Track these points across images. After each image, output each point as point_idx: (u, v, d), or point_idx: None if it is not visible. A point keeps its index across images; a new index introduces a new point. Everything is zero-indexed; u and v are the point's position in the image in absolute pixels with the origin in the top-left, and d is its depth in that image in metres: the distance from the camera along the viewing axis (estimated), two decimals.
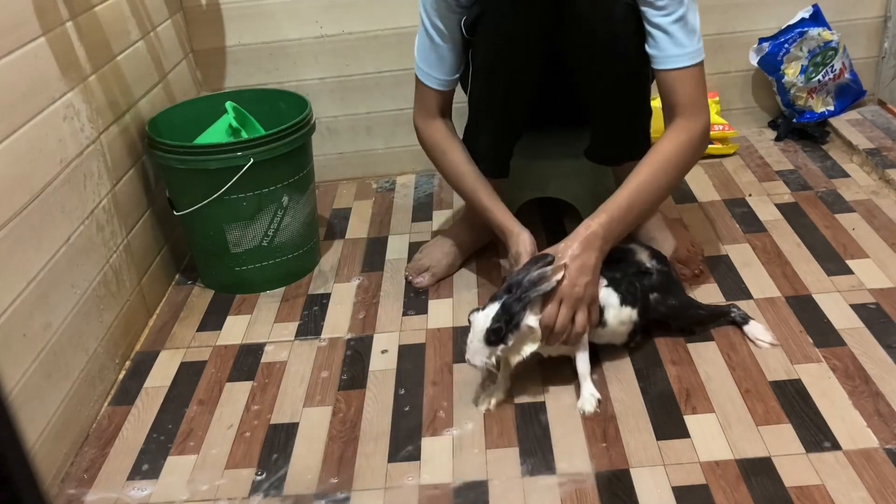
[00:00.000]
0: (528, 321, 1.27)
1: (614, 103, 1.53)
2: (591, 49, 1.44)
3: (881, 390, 1.29)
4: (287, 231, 1.69)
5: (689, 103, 1.40)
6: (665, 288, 1.42)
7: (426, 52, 1.53)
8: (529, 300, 1.26)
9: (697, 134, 1.41)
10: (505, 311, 1.25)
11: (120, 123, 1.63)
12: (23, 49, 1.30)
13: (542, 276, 1.28)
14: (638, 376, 1.38)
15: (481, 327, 1.25)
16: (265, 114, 1.82)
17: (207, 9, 2.03)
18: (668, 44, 1.38)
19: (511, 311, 1.25)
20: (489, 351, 1.25)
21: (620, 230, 1.37)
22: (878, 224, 1.73)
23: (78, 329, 1.39)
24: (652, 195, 1.40)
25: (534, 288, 1.27)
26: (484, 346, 1.25)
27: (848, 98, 2.17)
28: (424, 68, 1.55)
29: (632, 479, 1.18)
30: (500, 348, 1.26)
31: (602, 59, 1.45)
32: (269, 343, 1.57)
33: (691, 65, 1.39)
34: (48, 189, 1.33)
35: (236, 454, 1.30)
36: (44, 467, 1.25)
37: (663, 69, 1.40)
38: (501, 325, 1.24)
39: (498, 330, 1.24)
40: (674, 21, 1.37)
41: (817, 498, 1.12)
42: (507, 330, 1.25)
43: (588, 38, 1.43)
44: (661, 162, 1.40)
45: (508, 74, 1.50)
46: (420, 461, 1.25)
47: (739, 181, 1.97)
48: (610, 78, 1.48)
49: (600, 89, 1.51)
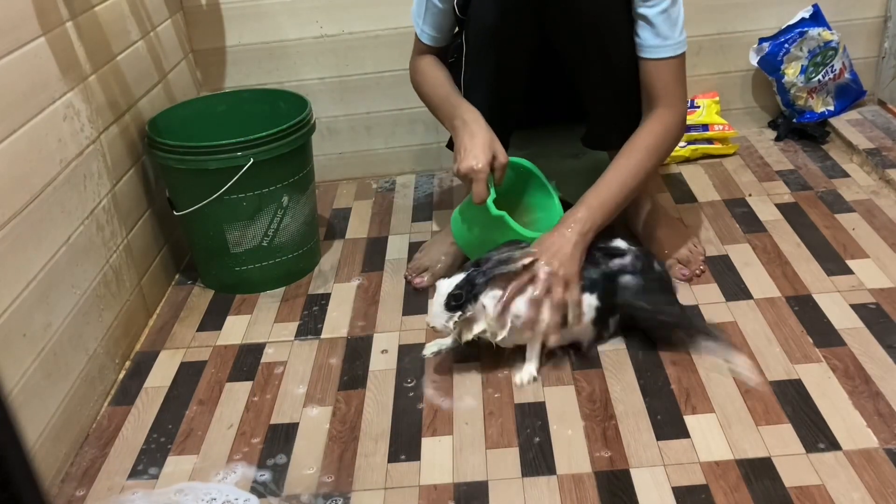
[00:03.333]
0: (485, 298, 1.33)
1: (606, 86, 1.53)
2: (579, 31, 1.46)
3: (881, 390, 1.29)
4: (287, 231, 1.69)
5: (667, 94, 1.47)
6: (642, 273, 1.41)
7: (420, 7, 1.58)
8: (492, 276, 1.33)
9: (674, 124, 1.48)
10: (468, 282, 1.33)
11: (120, 123, 1.63)
12: (23, 49, 1.30)
13: (510, 258, 1.34)
14: (638, 376, 1.38)
15: (444, 292, 1.33)
16: (265, 114, 1.82)
17: (207, 9, 2.03)
18: (650, 34, 1.44)
19: (473, 282, 1.33)
20: (447, 316, 1.33)
21: (602, 220, 1.43)
22: (878, 224, 1.73)
23: (78, 329, 1.39)
24: (631, 184, 1.46)
25: (499, 266, 1.33)
26: (443, 311, 1.33)
27: (848, 98, 2.17)
28: (417, 20, 1.60)
29: (632, 479, 1.18)
30: (458, 315, 1.33)
31: (591, 40, 1.46)
32: (269, 343, 1.57)
33: (672, 56, 1.45)
34: (48, 189, 1.33)
35: (236, 454, 1.30)
36: (44, 467, 1.25)
37: (645, 58, 1.45)
38: (462, 293, 1.32)
39: (458, 296, 1.32)
40: (659, 12, 1.42)
41: (817, 498, 1.12)
42: (466, 298, 1.33)
43: (576, 20, 1.44)
44: (640, 151, 1.46)
45: (500, 53, 1.50)
46: (420, 461, 1.25)
47: (739, 181, 1.97)
48: (600, 60, 1.49)
49: (591, 73, 1.52)
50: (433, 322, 1.35)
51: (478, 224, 1.50)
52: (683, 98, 1.50)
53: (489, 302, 1.33)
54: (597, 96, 1.56)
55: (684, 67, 1.48)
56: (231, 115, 1.86)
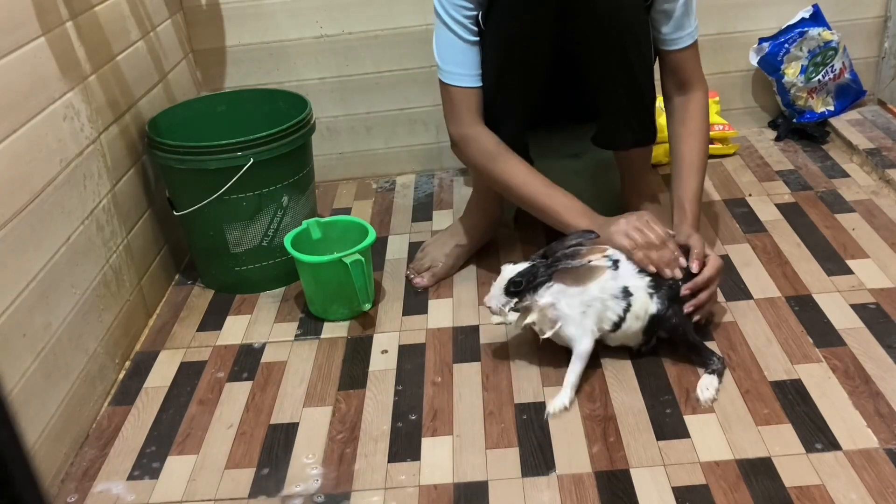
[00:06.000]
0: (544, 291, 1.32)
1: (622, 86, 1.54)
2: (599, 30, 1.46)
3: (881, 390, 1.29)
4: (287, 231, 1.69)
5: (694, 77, 1.55)
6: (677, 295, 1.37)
7: (451, 51, 1.47)
8: (557, 269, 1.32)
9: (706, 101, 1.59)
10: (531, 271, 1.33)
11: (120, 123, 1.63)
12: (23, 49, 1.30)
13: (576, 252, 1.33)
14: (638, 376, 1.38)
15: (506, 276, 1.34)
16: (265, 114, 1.82)
17: (207, 9, 2.03)
18: (671, 27, 1.50)
19: (536, 272, 1.33)
20: (505, 300, 1.34)
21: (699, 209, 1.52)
22: (878, 224, 1.73)
23: (78, 329, 1.39)
24: (705, 164, 1.55)
25: (565, 260, 1.32)
26: (501, 294, 1.34)
27: (848, 98, 2.17)
28: (455, 70, 1.48)
29: (632, 479, 1.18)
30: (514, 301, 1.33)
31: (611, 41, 1.47)
32: (269, 343, 1.57)
33: (694, 42, 1.53)
34: (48, 189, 1.33)
35: (236, 454, 1.30)
36: (44, 467, 1.25)
37: (673, 49, 1.52)
38: (523, 280, 1.32)
39: (518, 283, 1.33)
40: (681, 5, 1.48)
41: (817, 498, 1.12)
42: (525, 287, 1.33)
43: (596, 19, 1.45)
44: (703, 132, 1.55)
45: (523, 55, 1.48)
46: (420, 461, 1.25)
47: (739, 181, 1.97)
48: (618, 61, 1.49)
49: (609, 73, 1.52)
50: (490, 302, 1.36)
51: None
52: (703, 76, 1.59)
53: (547, 297, 1.33)
54: (612, 96, 1.56)
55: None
56: (231, 115, 1.86)
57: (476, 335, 1.52)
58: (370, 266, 1.58)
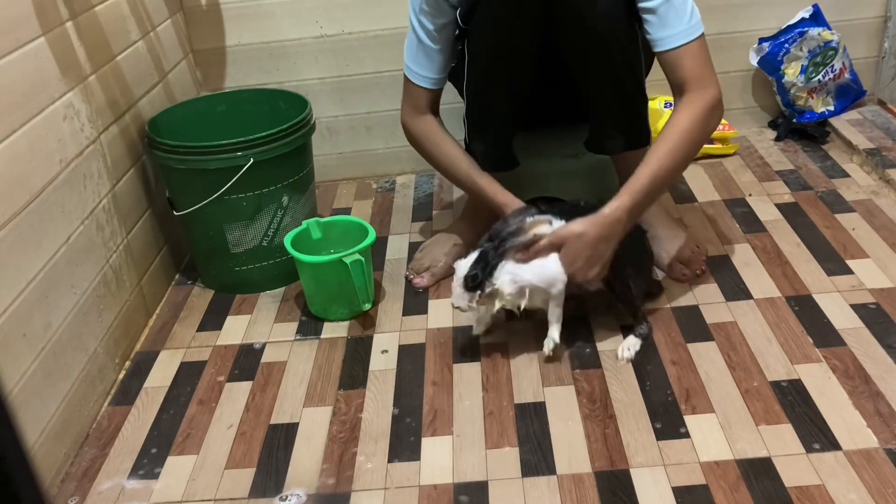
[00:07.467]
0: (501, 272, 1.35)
1: (609, 91, 1.53)
2: (581, 35, 1.45)
3: (881, 390, 1.29)
4: (287, 231, 1.69)
5: (693, 77, 1.43)
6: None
7: (414, 51, 1.58)
8: (505, 250, 1.35)
9: (708, 105, 1.43)
10: (482, 260, 1.35)
11: (120, 123, 1.63)
12: (23, 49, 1.30)
13: (519, 229, 1.36)
14: (638, 376, 1.38)
15: (461, 274, 1.36)
16: (265, 114, 1.82)
17: (207, 9, 2.03)
18: (657, 27, 1.42)
19: (488, 259, 1.35)
20: (469, 296, 1.36)
21: (642, 209, 1.44)
22: (878, 224, 1.73)
23: (78, 329, 1.39)
24: (671, 171, 1.43)
25: (511, 239, 1.35)
26: (463, 292, 1.36)
27: (848, 98, 2.17)
28: (413, 68, 1.59)
29: (632, 479, 1.18)
30: (478, 294, 1.36)
31: (593, 45, 1.46)
32: (270, 343, 1.57)
33: (687, 42, 1.42)
34: (48, 189, 1.33)
35: (236, 454, 1.30)
36: (44, 467, 1.25)
37: (661, 51, 1.44)
38: (478, 272, 1.35)
39: (475, 276, 1.35)
40: (660, 4, 1.40)
41: (817, 498, 1.12)
42: (483, 277, 1.35)
43: (578, 25, 1.44)
44: (677, 137, 1.42)
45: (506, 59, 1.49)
46: (420, 461, 1.25)
47: (739, 181, 1.97)
48: (603, 65, 1.48)
49: (595, 77, 1.51)
50: (456, 303, 1.38)
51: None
52: (711, 77, 1.45)
53: (504, 276, 1.35)
54: (599, 101, 1.56)
55: (705, 48, 1.45)
56: (231, 115, 1.86)
57: (476, 335, 1.52)
58: (370, 266, 1.58)
